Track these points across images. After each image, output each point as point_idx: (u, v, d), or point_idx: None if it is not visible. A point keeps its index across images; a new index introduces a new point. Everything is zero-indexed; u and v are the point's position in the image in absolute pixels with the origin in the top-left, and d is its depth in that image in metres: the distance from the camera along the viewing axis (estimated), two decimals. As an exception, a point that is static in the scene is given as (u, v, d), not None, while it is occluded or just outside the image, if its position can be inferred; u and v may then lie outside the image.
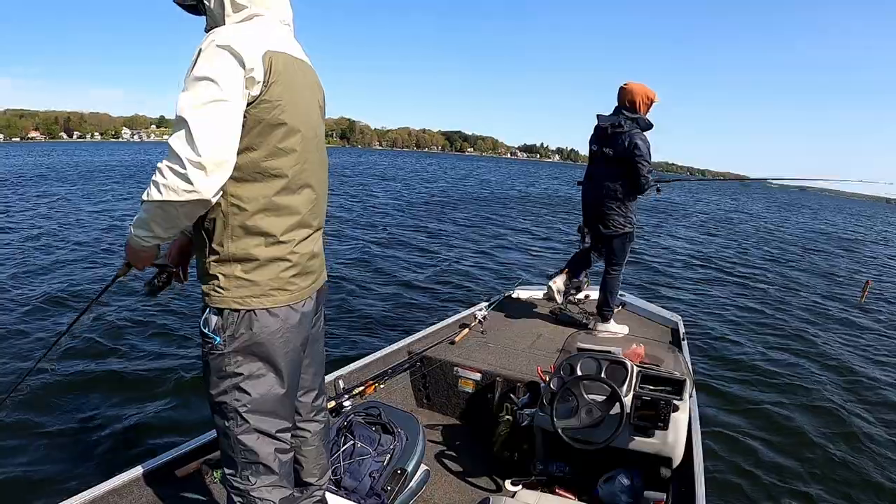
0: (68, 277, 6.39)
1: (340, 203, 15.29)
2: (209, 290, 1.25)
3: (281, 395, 1.32)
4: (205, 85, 1.10)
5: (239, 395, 1.26)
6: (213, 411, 1.31)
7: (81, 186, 17.30)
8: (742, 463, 3.25)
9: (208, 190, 1.10)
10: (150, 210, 1.14)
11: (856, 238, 20.14)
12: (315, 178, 1.35)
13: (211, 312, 1.25)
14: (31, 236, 8.62)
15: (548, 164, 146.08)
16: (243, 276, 1.23)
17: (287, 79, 1.22)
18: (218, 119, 1.10)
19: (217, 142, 1.10)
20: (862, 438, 3.66)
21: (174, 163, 1.08)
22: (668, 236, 13.75)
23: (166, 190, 1.09)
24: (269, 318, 1.26)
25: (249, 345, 1.25)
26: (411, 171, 38.88)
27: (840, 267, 11.63)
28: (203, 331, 1.26)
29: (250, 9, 1.24)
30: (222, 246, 1.22)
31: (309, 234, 1.34)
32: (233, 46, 1.13)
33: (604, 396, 1.98)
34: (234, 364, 1.25)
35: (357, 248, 9.04)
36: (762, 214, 28.04)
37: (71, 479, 2.61)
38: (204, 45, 1.14)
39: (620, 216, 3.36)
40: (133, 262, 1.33)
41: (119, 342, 4.46)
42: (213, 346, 1.24)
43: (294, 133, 1.25)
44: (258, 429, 1.29)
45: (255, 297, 1.24)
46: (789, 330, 6.13)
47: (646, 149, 3.21)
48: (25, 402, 3.37)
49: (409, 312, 5.72)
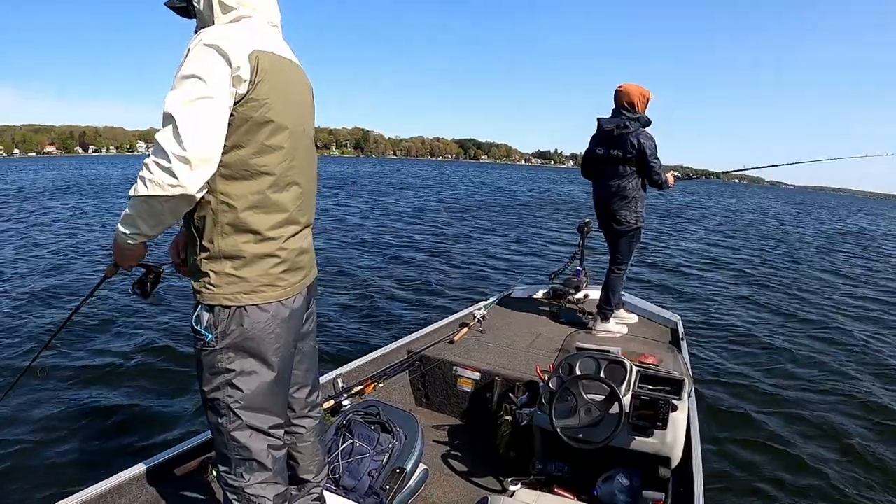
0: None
1: (347, 206, 15.30)
2: (200, 287, 1.25)
3: (273, 391, 1.33)
4: (192, 82, 1.12)
5: (231, 392, 1.27)
6: (206, 408, 1.32)
7: (104, 198, 17.33)
8: (741, 463, 3.25)
9: (193, 185, 1.11)
10: (136, 206, 1.15)
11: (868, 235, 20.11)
12: (303, 175, 1.37)
13: (202, 309, 1.26)
14: (58, 250, 8.57)
15: (562, 170, 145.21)
16: (233, 272, 1.24)
17: (274, 77, 1.24)
18: (204, 115, 1.12)
19: (202, 137, 1.11)
20: (862, 437, 3.66)
21: (160, 157, 1.09)
22: (669, 236, 13.75)
23: (152, 185, 1.10)
24: (259, 314, 1.27)
25: (241, 341, 1.26)
26: (427, 179, 38.53)
27: (849, 264, 11.62)
28: (195, 327, 1.26)
29: (238, 10, 1.27)
30: (212, 243, 1.24)
31: (298, 231, 1.36)
32: (220, 45, 1.15)
33: (603, 396, 1.98)
34: (225, 360, 1.26)
35: (358, 249, 9.05)
36: (770, 213, 28.11)
37: (71, 478, 2.62)
38: (192, 45, 1.16)
39: (631, 213, 3.43)
40: (120, 261, 1.32)
41: (118, 341, 4.46)
42: (205, 343, 1.25)
43: (281, 130, 1.27)
44: (251, 425, 1.30)
45: (245, 294, 1.25)
46: (790, 330, 6.14)
47: (654, 147, 3.32)
48: (25, 402, 3.38)
49: (408, 311, 5.73)
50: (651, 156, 3.30)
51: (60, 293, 5.91)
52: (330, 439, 2.05)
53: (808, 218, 27.95)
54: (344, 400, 2.39)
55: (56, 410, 3.32)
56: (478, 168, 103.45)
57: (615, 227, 3.50)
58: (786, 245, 14.39)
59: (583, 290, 4.13)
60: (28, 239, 9.39)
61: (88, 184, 24.49)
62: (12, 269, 7.12)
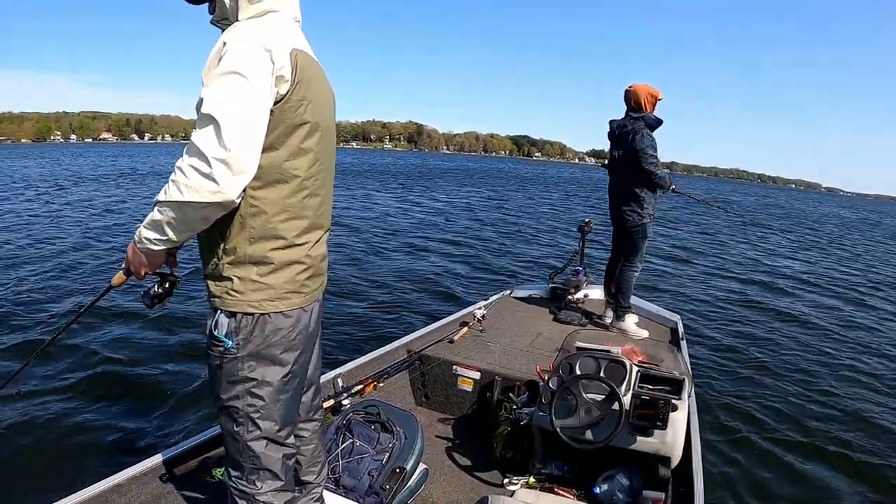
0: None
1: (350, 204, 15.27)
2: (221, 292, 1.20)
3: (292, 400, 1.31)
4: (235, 80, 1.06)
5: (252, 401, 1.23)
6: (221, 414, 1.28)
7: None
8: (741, 462, 3.25)
9: (234, 191, 1.06)
10: (166, 211, 1.09)
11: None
12: (327, 179, 1.34)
13: (222, 315, 1.20)
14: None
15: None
16: (259, 279, 1.19)
17: (308, 77, 1.20)
18: (247, 117, 1.06)
19: (245, 140, 1.05)
20: (863, 436, 3.66)
21: (198, 161, 1.03)
22: (671, 236, 13.74)
23: (188, 190, 1.03)
24: (283, 321, 1.23)
25: (263, 348, 1.22)
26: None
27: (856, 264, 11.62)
28: (213, 334, 1.21)
29: (265, 3, 1.20)
30: (238, 248, 1.18)
31: (321, 236, 1.33)
32: (264, 42, 1.09)
33: (603, 396, 1.98)
34: (247, 368, 1.21)
35: (357, 248, 9.04)
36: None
37: (71, 477, 2.61)
38: (229, 39, 1.10)
39: (635, 212, 3.47)
40: (135, 268, 1.23)
41: (118, 341, 4.46)
42: (225, 350, 1.20)
43: (314, 133, 1.23)
44: (268, 435, 1.27)
45: (270, 301, 1.21)
46: (790, 330, 6.14)
47: (646, 143, 3.32)
48: (25, 401, 3.37)
49: (408, 311, 5.72)
50: (641, 150, 3.31)
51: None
52: (330, 439, 2.05)
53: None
54: (344, 399, 2.39)
55: (55, 410, 3.31)
56: (527, 165, 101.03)
57: (621, 226, 3.58)
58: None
59: (583, 290, 4.13)
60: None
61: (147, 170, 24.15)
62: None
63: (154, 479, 1.84)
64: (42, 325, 4.71)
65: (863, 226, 27.94)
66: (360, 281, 6.83)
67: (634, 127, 3.35)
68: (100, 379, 3.75)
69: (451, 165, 59.42)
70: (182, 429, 3.16)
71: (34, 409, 3.28)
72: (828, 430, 3.74)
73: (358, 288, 6.49)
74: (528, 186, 31.59)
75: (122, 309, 5.14)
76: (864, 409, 4.11)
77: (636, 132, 3.33)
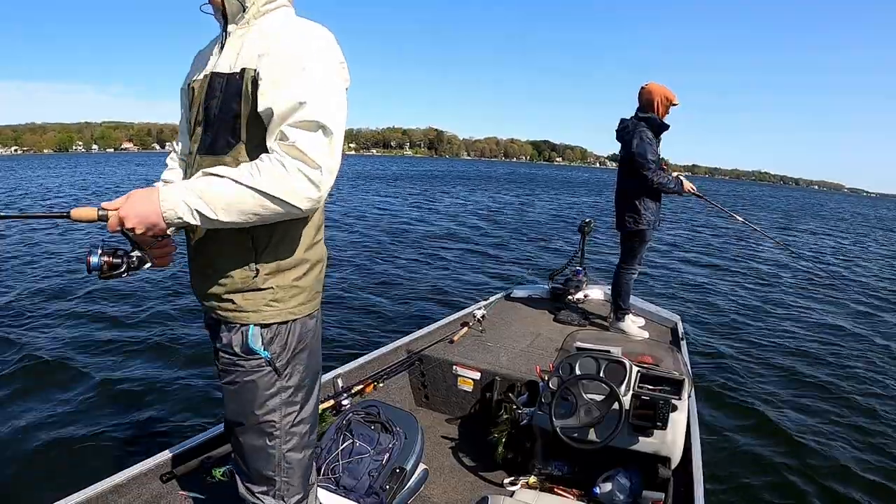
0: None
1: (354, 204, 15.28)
2: (258, 305, 1.13)
3: (318, 400, 1.30)
4: (336, 88, 1.03)
5: (289, 410, 1.20)
6: (250, 433, 1.19)
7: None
8: (741, 463, 3.25)
9: (321, 200, 1.02)
10: (242, 194, 0.97)
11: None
12: None
13: (255, 328, 1.14)
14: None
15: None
16: (296, 283, 1.17)
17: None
18: (343, 125, 1.03)
19: (340, 150, 1.02)
20: (863, 437, 3.66)
21: (307, 167, 0.97)
22: (673, 235, 13.75)
23: (286, 188, 0.96)
24: (310, 323, 1.23)
25: (298, 353, 1.20)
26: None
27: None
28: (251, 347, 1.14)
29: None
30: (280, 255, 1.14)
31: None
32: (332, 41, 1.06)
33: (602, 396, 1.98)
34: (284, 377, 1.18)
35: (357, 249, 9.04)
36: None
37: (71, 477, 2.61)
38: (302, 34, 1.04)
39: (631, 216, 3.40)
40: (138, 225, 1.00)
41: (117, 340, 4.46)
42: (262, 363, 1.15)
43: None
44: (303, 441, 1.25)
45: (304, 305, 1.19)
46: (790, 330, 6.13)
47: (643, 148, 3.21)
48: (25, 401, 3.37)
49: (408, 311, 5.73)
50: (634, 151, 3.22)
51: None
52: (330, 439, 2.05)
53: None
54: (344, 400, 2.39)
55: (56, 411, 3.31)
56: (546, 169, 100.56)
57: (620, 229, 3.54)
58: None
59: (583, 290, 4.13)
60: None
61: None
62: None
63: (154, 479, 1.84)
64: (47, 327, 4.71)
65: (880, 224, 27.46)
66: (361, 281, 6.83)
67: (635, 129, 3.27)
68: (100, 379, 3.75)
69: (468, 170, 59.33)
70: (182, 429, 3.16)
71: (34, 410, 3.29)
72: (829, 430, 3.74)
73: (358, 288, 6.50)
74: (540, 189, 31.56)
75: (122, 312, 5.15)
76: (867, 409, 4.10)
77: (635, 134, 3.24)
